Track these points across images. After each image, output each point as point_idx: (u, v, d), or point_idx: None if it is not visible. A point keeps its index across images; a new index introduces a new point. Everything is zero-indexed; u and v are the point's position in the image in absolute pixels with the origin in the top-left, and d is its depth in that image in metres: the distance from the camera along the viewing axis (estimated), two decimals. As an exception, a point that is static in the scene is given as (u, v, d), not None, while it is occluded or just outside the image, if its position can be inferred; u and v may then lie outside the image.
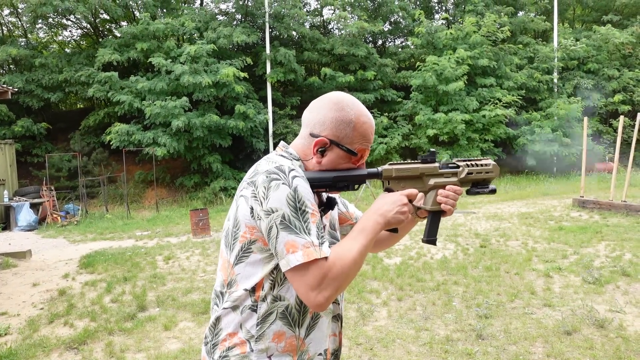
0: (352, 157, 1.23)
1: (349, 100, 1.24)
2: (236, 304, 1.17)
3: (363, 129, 1.23)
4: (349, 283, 1.10)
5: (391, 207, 1.18)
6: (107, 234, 9.98)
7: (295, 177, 1.09)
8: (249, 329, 1.16)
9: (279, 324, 1.16)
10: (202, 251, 7.49)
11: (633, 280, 4.94)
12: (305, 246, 1.04)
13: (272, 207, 1.06)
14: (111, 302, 5.03)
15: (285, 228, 1.05)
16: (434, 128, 16.58)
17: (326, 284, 1.05)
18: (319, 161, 1.22)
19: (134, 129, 14.32)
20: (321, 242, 1.07)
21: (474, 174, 1.28)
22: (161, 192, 15.70)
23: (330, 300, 1.06)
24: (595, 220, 8.51)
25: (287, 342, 1.17)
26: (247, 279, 1.16)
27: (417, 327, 3.98)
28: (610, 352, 3.34)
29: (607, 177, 14.74)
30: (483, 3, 19.97)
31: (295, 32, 18.46)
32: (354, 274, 1.11)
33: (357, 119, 1.22)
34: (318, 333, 1.23)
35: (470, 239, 7.42)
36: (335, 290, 1.07)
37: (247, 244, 1.14)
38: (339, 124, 1.21)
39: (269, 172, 1.09)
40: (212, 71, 15.02)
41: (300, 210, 1.06)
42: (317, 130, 1.22)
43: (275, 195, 1.06)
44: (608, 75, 18.95)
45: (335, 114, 1.21)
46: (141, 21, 15.58)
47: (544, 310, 4.24)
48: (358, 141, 1.22)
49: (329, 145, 1.21)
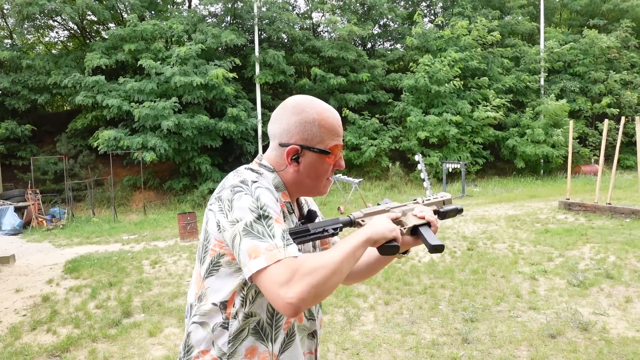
0: (328, 157, 1.22)
1: (307, 100, 1.24)
2: (205, 320, 1.15)
3: (328, 123, 1.21)
4: (327, 288, 1.01)
5: (377, 222, 1.14)
6: (93, 238, 9.87)
7: (258, 187, 1.10)
8: (221, 347, 1.14)
9: (251, 340, 1.14)
10: (189, 255, 7.43)
11: (617, 283, 5.00)
12: (268, 249, 1.00)
13: (236, 216, 1.06)
14: (96, 308, 4.97)
15: (247, 234, 1.03)
16: (424, 130, 16.67)
17: (296, 279, 0.97)
18: (295, 170, 1.21)
19: (121, 135, 14.19)
20: (286, 244, 1.03)
21: (431, 200, 1.35)
22: (149, 195, 15.57)
23: (303, 299, 0.96)
24: (581, 222, 8.61)
25: (260, 358, 1.15)
26: (216, 292, 1.14)
27: (403, 331, 3.98)
28: (593, 355, 3.37)
29: (592, 179, 14.93)
30: (471, 6, 20.19)
31: (285, 35, 18.47)
32: (333, 279, 1.01)
33: (319, 116, 1.20)
34: (294, 350, 1.20)
35: (458, 242, 7.46)
36: (309, 288, 0.97)
37: (216, 257, 1.14)
38: (304, 126, 1.19)
39: (233, 186, 1.10)
40: (201, 72, 14.98)
41: (263, 216, 1.05)
42: (285, 140, 1.21)
43: (238, 204, 1.07)
44: (594, 78, 19.24)
45: (297, 117, 1.20)
46: (129, 23, 15.48)
47: (529, 314, 4.27)
48: (327, 138, 1.21)
49: (301, 151, 1.20)
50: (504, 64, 19.21)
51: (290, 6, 19.30)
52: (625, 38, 19.64)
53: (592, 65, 19.57)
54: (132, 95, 14.57)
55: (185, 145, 14.82)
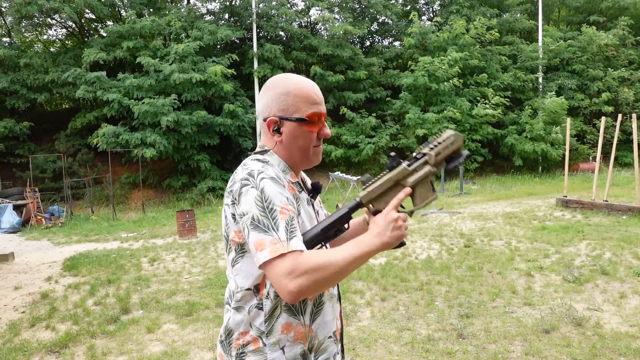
0: (307, 125, 1.25)
1: (282, 76, 1.30)
2: (241, 305, 1.23)
3: (302, 92, 1.26)
4: (327, 283, 1.09)
5: (383, 227, 1.16)
6: (92, 236, 9.89)
7: (263, 178, 1.15)
8: (259, 326, 1.22)
9: (284, 317, 1.22)
10: (187, 253, 7.46)
11: (612, 279, 5.04)
12: (273, 242, 1.08)
13: (243, 210, 1.14)
14: (94, 305, 5.00)
15: (254, 228, 1.11)
16: (423, 128, 16.69)
17: (298, 274, 1.05)
18: (279, 140, 1.27)
19: (121, 130, 14.21)
20: (290, 237, 1.09)
21: (441, 154, 1.26)
22: (148, 193, 15.59)
23: (303, 292, 1.05)
24: (578, 219, 8.64)
25: (296, 332, 1.23)
26: (245, 278, 1.22)
27: (399, 327, 4.02)
28: (586, 350, 3.41)
29: (590, 176, 14.96)
30: (468, 4, 20.19)
31: (282, 32, 18.48)
32: (334, 276, 1.08)
33: (293, 86, 1.26)
34: (324, 318, 1.29)
35: (455, 239, 7.49)
36: (309, 284, 1.05)
37: (239, 247, 1.21)
38: (279, 98, 1.26)
39: (242, 179, 1.17)
40: (199, 69, 14.99)
41: (267, 208, 1.12)
42: (265, 114, 1.28)
43: (245, 199, 1.14)
44: (592, 75, 19.26)
45: (273, 92, 1.28)
46: (127, 20, 15.47)
47: (524, 309, 4.31)
48: (303, 106, 1.25)
49: (279, 121, 1.26)
50: (501, 61, 19.23)
51: (288, 3, 19.29)
52: (623, 35, 19.65)
53: (590, 62, 19.58)
54: (132, 91, 14.57)
55: (185, 143, 14.84)
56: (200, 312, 4.62)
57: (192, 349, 3.78)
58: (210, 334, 4.04)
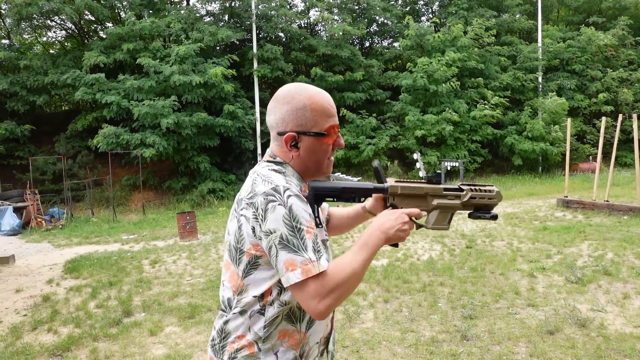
0: (325, 138, 1.26)
1: (296, 88, 1.28)
2: (244, 309, 1.23)
3: (319, 105, 1.25)
4: (350, 293, 1.16)
5: (394, 224, 1.23)
6: (92, 238, 9.87)
7: (290, 196, 1.15)
8: (257, 331, 1.22)
9: (284, 324, 1.24)
10: (189, 255, 7.45)
11: (614, 280, 5.03)
12: (304, 263, 1.11)
13: (270, 228, 1.13)
14: (96, 308, 4.98)
15: (284, 247, 1.12)
16: (422, 129, 16.71)
17: (326, 294, 1.11)
18: (296, 154, 1.26)
19: (121, 131, 14.19)
20: (318, 257, 1.13)
21: (477, 199, 1.30)
22: (148, 195, 15.57)
23: (331, 309, 1.12)
24: (579, 220, 8.64)
25: (291, 338, 1.25)
26: (256, 287, 1.22)
27: (402, 328, 4.01)
28: (591, 351, 3.40)
29: (590, 177, 14.97)
30: (467, 5, 20.21)
31: (282, 34, 18.49)
32: (355, 285, 1.16)
33: (309, 100, 1.25)
34: (318, 326, 1.30)
35: (457, 240, 7.49)
36: (336, 300, 1.12)
37: (253, 258, 1.21)
38: (296, 113, 1.24)
39: (267, 194, 1.15)
40: (199, 71, 14.99)
41: (296, 228, 1.13)
42: (281, 129, 1.26)
43: (272, 216, 1.13)
44: (591, 76, 19.28)
45: (288, 106, 1.25)
46: (127, 21, 15.46)
47: (527, 310, 4.30)
48: (321, 120, 1.25)
49: (297, 136, 1.25)
50: (500, 62, 19.25)
51: (288, 4, 19.31)
52: (623, 36, 19.66)
53: (589, 63, 19.59)
54: (132, 93, 14.56)
55: (185, 145, 14.83)
56: (203, 314, 4.61)
57: (196, 351, 3.77)
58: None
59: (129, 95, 14.62)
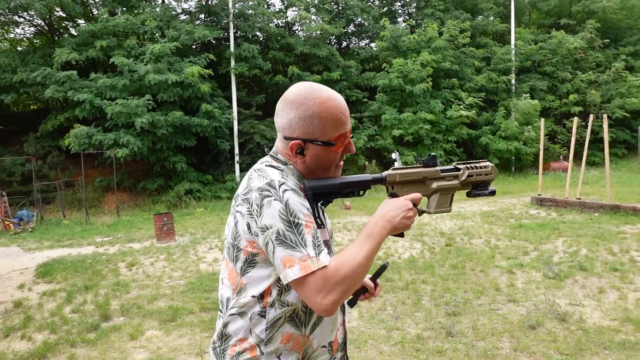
0: (333, 147, 1.21)
1: (307, 91, 1.20)
2: (244, 310, 1.19)
3: (329, 113, 1.18)
4: (356, 287, 1.11)
5: (397, 213, 1.18)
6: (64, 241, 9.56)
7: (286, 190, 1.11)
8: (259, 334, 1.18)
9: (287, 327, 1.20)
10: (167, 256, 7.30)
11: (589, 275, 5.18)
12: (302, 259, 1.06)
13: (266, 223, 1.09)
14: (72, 313, 4.82)
15: (281, 243, 1.08)
16: (399, 128, 16.88)
17: (330, 289, 1.06)
18: (302, 161, 1.22)
19: (94, 131, 13.79)
20: (318, 252, 1.08)
21: (474, 177, 1.29)
22: (122, 196, 15.21)
23: (337, 304, 1.07)
24: (553, 217, 8.87)
25: (295, 341, 1.21)
26: (255, 286, 1.18)
27: (388, 326, 4.02)
28: (572, 344, 3.48)
29: (562, 175, 15.41)
30: (443, 7, 20.52)
31: (260, 33, 18.35)
32: (360, 279, 1.11)
33: (319, 108, 1.18)
34: (322, 328, 1.26)
35: (436, 238, 7.57)
36: (341, 295, 1.07)
37: (250, 256, 1.17)
38: (304, 121, 1.18)
39: (261, 189, 1.11)
40: (176, 70, 14.72)
41: (293, 223, 1.08)
42: (288, 133, 1.21)
43: (268, 212, 1.09)
44: (562, 77, 19.85)
45: (297, 112, 1.19)
46: (100, 18, 15.05)
47: (508, 306, 4.38)
48: (330, 129, 1.19)
49: (305, 144, 1.20)
50: (474, 64, 19.62)
51: (266, 3, 19.19)
52: (591, 39, 20.30)
53: (560, 65, 20.17)
54: (104, 92, 14.16)
55: (160, 145, 14.52)
56: (184, 317, 4.52)
57: (179, 355, 3.69)
58: (196, 339, 3.95)
59: (102, 93, 14.22)
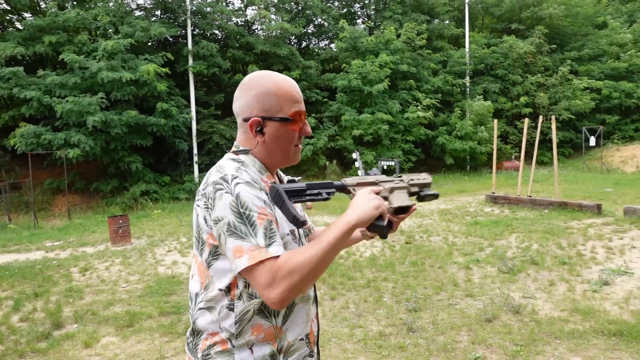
0: (291, 124, 1.25)
1: (260, 74, 1.28)
2: (211, 305, 1.20)
3: (284, 91, 1.25)
4: (308, 282, 1.07)
5: (358, 200, 1.15)
6: (11, 246, 9.04)
7: (238, 183, 1.13)
8: (228, 328, 1.19)
9: (256, 319, 1.20)
10: (122, 260, 7.05)
11: (541, 268, 5.43)
12: (251, 249, 1.07)
13: (218, 216, 1.12)
14: (20, 322, 4.56)
15: (231, 234, 1.10)
16: (359, 128, 17.09)
17: (277, 282, 1.05)
18: (262, 140, 1.25)
19: (42, 130, 13.10)
20: (269, 244, 1.08)
21: (414, 179, 1.37)
22: (74, 198, 14.55)
23: (285, 298, 1.05)
24: (506, 214, 9.24)
25: (266, 333, 1.21)
26: (220, 279, 1.19)
27: (351, 324, 4.05)
28: (526, 335, 3.64)
29: (513, 174, 16.09)
30: (401, 10, 20.96)
31: (218, 31, 18.06)
32: (314, 274, 1.07)
33: (275, 86, 1.24)
34: (295, 319, 1.27)
35: (396, 236, 7.71)
36: (289, 289, 1.05)
37: (213, 248, 1.18)
38: (261, 98, 1.24)
39: (215, 183, 1.15)
40: (130, 68, 14.22)
41: (244, 215, 1.10)
42: (246, 114, 1.26)
43: (219, 204, 1.12)
44: (513, 80, 20.75)
45: (253, 91, 1.25)
46: (48, 12, 14.32)
47: (466, 301, 4.52)
48: (286, 105, 1.24)
49: (263, 121, 1.24)
50: (431, 66, 20.17)
51: (224, 1, 18.92)
52: (540, 44, 21.31)
53: (511, 68, 21.05)
54: (54, 90, 13.49)
55: (114, 144, 14.00)
56: (143, 322, 4.38)
57: (137, 361, 3.57)
58: (155, 344, 3.83)
59: (51, 91, 13.54)
